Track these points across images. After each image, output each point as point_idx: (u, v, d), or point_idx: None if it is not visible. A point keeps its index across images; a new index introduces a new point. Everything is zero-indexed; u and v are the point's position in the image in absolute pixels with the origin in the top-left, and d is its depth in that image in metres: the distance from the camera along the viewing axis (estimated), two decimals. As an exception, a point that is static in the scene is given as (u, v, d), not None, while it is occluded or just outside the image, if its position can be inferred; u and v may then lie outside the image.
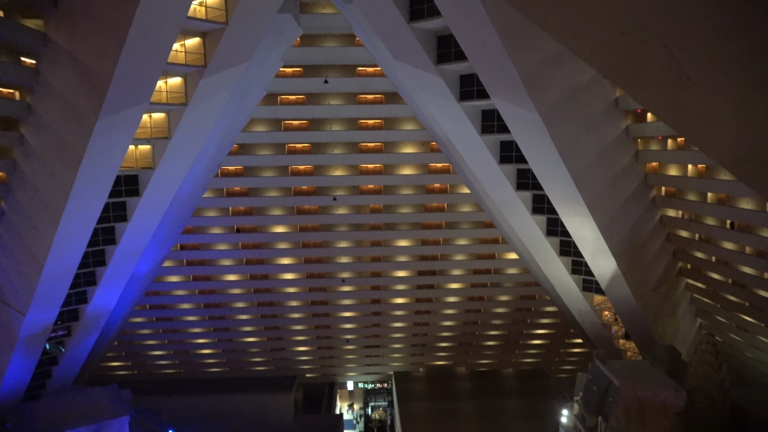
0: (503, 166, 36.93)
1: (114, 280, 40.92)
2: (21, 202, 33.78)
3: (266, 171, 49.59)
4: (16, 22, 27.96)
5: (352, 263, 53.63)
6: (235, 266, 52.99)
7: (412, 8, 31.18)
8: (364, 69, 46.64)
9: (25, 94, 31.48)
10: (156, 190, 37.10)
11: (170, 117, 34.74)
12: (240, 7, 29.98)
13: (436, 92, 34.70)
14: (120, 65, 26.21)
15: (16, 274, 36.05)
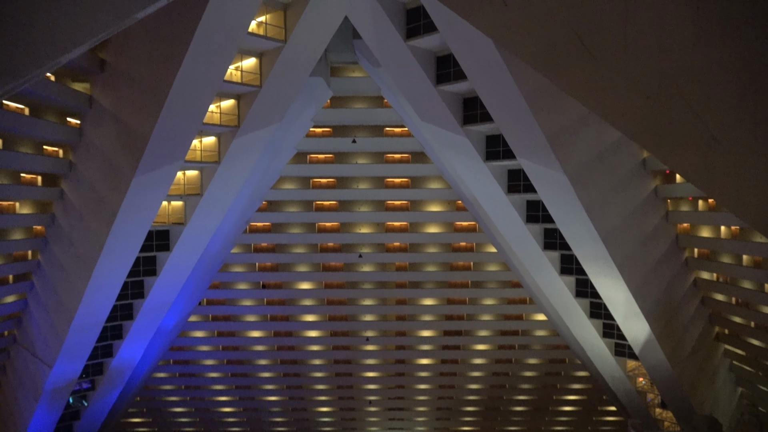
0: (530, 225, 36.73)
1: (140, 334, 41.18)
2: (57, 255, 34.78)
3: (293, 227, 50.25)
4: (65, 86, 29.74)
5: (376, 322, 53.04)
6: (260, 323, 52.88)
7: (439, 72, 32.18)
8: (391, 129, 47.78)
9: (68, 151, 33.05)
10: (186, 246, 37.82)
11: (203, 174, 35.87)
12: (274, 71, 31.39)
13: (462, 152, 35.21)
14: (158, 125, 27.45)
15: (46, 326, 36.63)
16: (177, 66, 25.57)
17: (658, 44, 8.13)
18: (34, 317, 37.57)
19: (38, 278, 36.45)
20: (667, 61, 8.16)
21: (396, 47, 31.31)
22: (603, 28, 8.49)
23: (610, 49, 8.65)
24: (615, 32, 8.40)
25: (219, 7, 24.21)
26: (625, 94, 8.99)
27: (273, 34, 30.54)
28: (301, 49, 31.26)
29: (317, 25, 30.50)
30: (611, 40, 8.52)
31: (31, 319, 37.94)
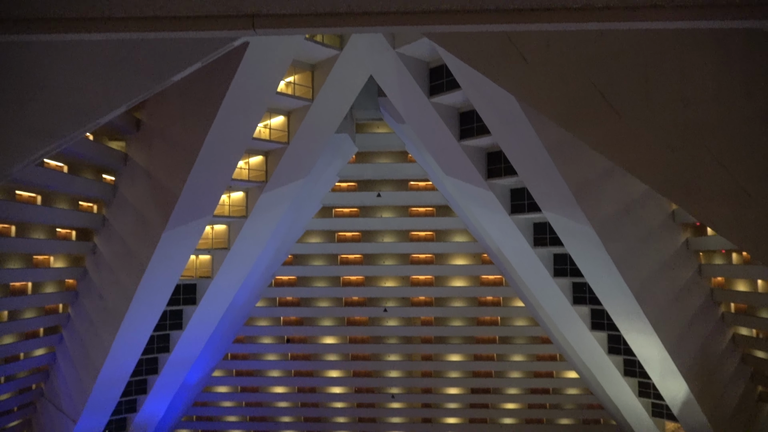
0: (558, 279, 36.08)
1: (164, 389, 40.93)
2: (86, 309, 35.28)
3: (318, 281, 50.26)
4: (103, 145, 31.06)
5: (401, 378, 51.80)
6: (283, 378, 52.14)
7: (462, 127, 32.72)
8: (415, 183, 48.25)
9: (102, 207, 34.11)
10: (212, 299, 38.05)
11: (231, 228, 36.49)
12: (301, 128, 32.35)
13: (486, 206, 35.23)
14: (189, 182, 28.29)
15: (72, 380, 36.74)
16: (208, 125, 26.58)
17: (680, 98, 8.20)
18: (61, 371, 37.78)
19: (67, 331, 36.90)
20: (691, 115, 8.20)
21: (420, 104, 32.09)
22: (624, 84, 8.62)
23: (632, 103, 8.74)
24: (637, 87, 8.51)
25: (250, 69, 25.32)
26: (649, 147, 9.01)
27: (301, 94, 31.66)
28: (327, 107, 32.28)
29: (343, 84, 31.58)
30: (633, 94, 8.63)
31: (58, 372, 38.15)
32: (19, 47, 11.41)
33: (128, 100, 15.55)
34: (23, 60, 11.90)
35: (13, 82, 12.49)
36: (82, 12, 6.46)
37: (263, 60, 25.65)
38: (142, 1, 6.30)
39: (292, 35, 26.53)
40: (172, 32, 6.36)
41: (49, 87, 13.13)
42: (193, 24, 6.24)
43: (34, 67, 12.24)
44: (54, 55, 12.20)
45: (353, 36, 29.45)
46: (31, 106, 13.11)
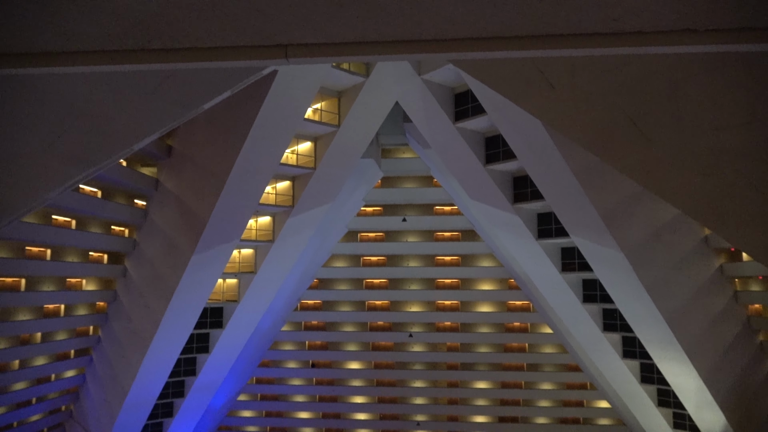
0: (587, 305, 35.32)
1: (190, 413, 41.03)
2: (115, 331, 35.82)
3: (344, 305, 50.18)
4: (135, 171, 31.90)
5: (427, 405, 50.96)
6: (308, 403, 51.81)
7: (488, 152, 32.68)
8: (441, 208, 48.17)
9: (133, 231, 34.86)
10: (239, 323, 38.28)
11: (257, 252, 36.84)
12: (328, 154, 32.74)
13: (513, 230, 34.91)
14: (218, 207, 28.77)
15: (100, 402, 37.13)
16: (237, 151, 27.10)
17: (712, 123, 8.06)
18: (90, 393, 38.25)
19: (97, 353, 37.45)
20: (723, 140, 8.05)
21: (445, 129, 32.23)
22: (654, 109, 8.52)
23: (662, 128, 8.63)
24: (667, 112, 8.41)
25: (278, 96, 25.86)
26: (681, 172, 8.85)
27: (327, 120, 32.13)
28: (353, 133, 32.65)
29: (369, 110, 31.95)
30: (663, 120, 8.52)
31: (87, 394, 38.63)
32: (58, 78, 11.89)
33: (160, 128, 15.97)
34: (62, 90, 12.38)
35: (52, 112, 12.97)
36: (121, 44, 6.72)
37: (291, 87, 26.18)
38: (179, 33, 6.52)
39: (321, 64, 27.07)
40: (207, 62, 6.56)
41: (86, 116, 13.59)
42: (228, 54, 6.42)
43: (72, 97, 12.71)
44: (92, 86, 12.66)
45: (379, 63, 29.89)
46: (68, 134, 13.57)
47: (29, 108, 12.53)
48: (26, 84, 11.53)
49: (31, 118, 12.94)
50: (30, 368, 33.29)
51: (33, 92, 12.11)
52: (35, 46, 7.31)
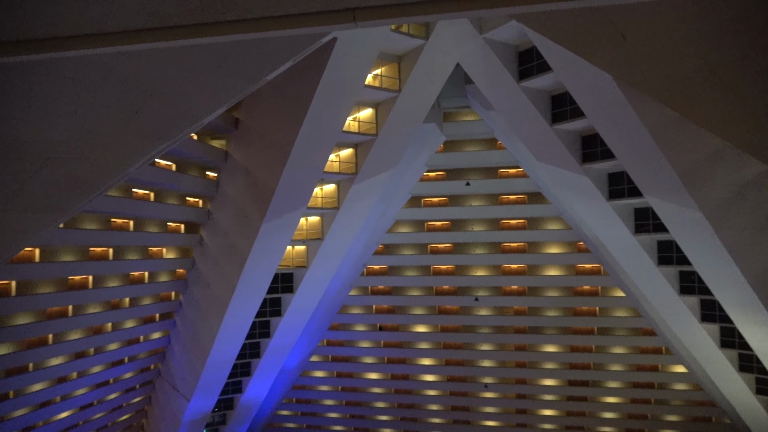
0: (662, 268, 33.90)
1: (266, 372, 43.29)
2: (195, 297, 38.02)
3: (409, 270, 50.70)
4: (206, 144, 33.15)
5: (494, 368, 51.19)
6: (377, 365, 53.31)
7: (554, 111, 31.48)
8: (505, 171, 47.19)
9: (206, 202, 36.47)
10: (308, 287, 39.61)
11: (324, 220, 37.70)
12: (389, 120, 32.64)
13: (582, 192, 33.75)
14: (284, 176, 29.53)
15: (185, 362, 39.82)
16: (300, 121, 27.55)
17: (805, 70, 7.39)
18: (175, 353, 41.08)
19: (179, 317, 40.00)
20: (819, 88, 7.38)
21: (509, 89, 31.25)
22: (737, 58, 7.91)
23: (747, 78, 8.01)
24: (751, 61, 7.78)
25: (338, 64, 25.90)
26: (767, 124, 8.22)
27: (388, 85, 31.92)
28: (414, 97, 32.31)
29: (430, 73, 31.43)
30: (748, 69, 7.90)
31: (173, 355, 41.51)
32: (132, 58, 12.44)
33: (227, 102, 16.46)
34: (136, 69, 12.97)
35: (129, 91, 13.64)
36: (198, 18, 6.93)
37: (350, 55, 26.12)
38: (252, 3, 6.65)
39: (379, 27, 26.77)
40: (278, 31, 6.66)
41: (159, 93, 14.21)
42: (298, 21, 6.49)
43: (146, 76, 13.30)
44: (162, 64, 13.19)
45: (439, 25, 29.20)
46: (144, 111, 14.27)
47: (108, 88, 13.24)
48: (104, 64, 12.16)
49: (110, 98, 13.68)
50: (121, 330, 36.09)
51: (111, 72, 12.77)
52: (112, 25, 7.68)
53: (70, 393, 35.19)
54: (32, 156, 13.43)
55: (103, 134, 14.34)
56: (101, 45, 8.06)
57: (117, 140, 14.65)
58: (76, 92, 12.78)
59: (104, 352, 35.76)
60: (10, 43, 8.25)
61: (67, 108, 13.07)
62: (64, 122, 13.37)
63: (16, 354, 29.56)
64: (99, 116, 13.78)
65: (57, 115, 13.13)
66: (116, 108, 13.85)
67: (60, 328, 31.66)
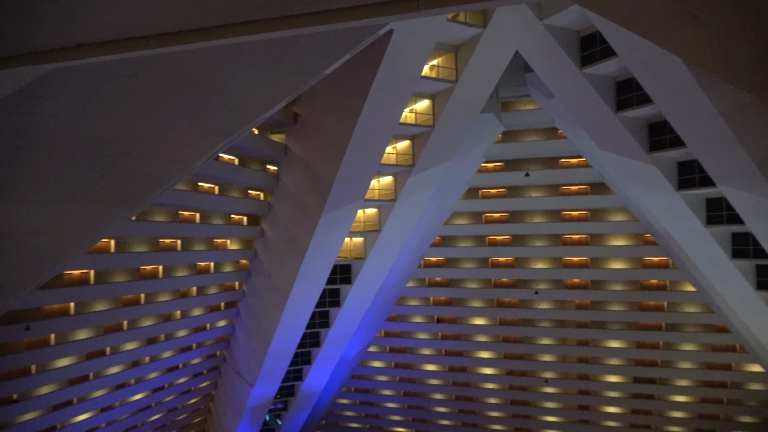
0: (737, 261, 32.02)
1: (325, 361, 44.21)
2: (257, 287, 39.26)
3: (467, 262, 50.28)
4: (266, 138, 34.03)
5: (555, 363, 50.09)
6: (435, 356, 53.31)
7: (619, 98, 30.22)
8: (567, 160, 45.81)
9: (267, 195, 37.48)
10: (366, 279, 40.04)
11: (381, 212, 37.94)
12: (446, 111, 32.35)
13: (649, 181, 32.29)
14: (342, 169, 29.90)
15: (248, 350, 41.26)
16: (357, 115, 27.75)
17: None
18: (239, 341, 42.64)
19: (243, 306, 41.44)
20: None
21: (570, 76, 30.24)
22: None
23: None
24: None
25: (395, 56, 25.87)
26: None
27: (445, 76, 31.63)
28: (472, 87, 31.86)
29: (488, 63, 30.88)
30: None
31: (237, 342, 43.10)
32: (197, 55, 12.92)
33: (286, 96, 16.84)
34: (200, 68, 13.46)
35: (193, 89, 14.20)
36: (265, 13, 7.12)
37: (407, 46, 26.03)
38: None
39: (435, 17, 26.53)
40: (342, 23, 6.74)
41: (222, 90, 14.70)
42: (361, 12, 6.55)
43: (210, 73, 13.79)
44: (224, 63, 13.63)
45: (497, 12, 28.60)
46: (208, 108, 14.81)
47: (173, 86, 13.83)
48: (168, 64, 12.71)
49: (175, 96, 14.29)
50: (189, 318, 37.80)
51: (176, 71, 13.32)
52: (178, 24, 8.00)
53: (144, 376, 37.25)
54: (106, 153, 14.24)
55: (171, 131, 15.01)
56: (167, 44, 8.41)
57: (184, 136, 15.30)
58: (143, 91, 13.42)
59: (174, 339, 37.59)
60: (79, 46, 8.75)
61: (136, 106, 13.76)
62: (134, 120, 14.09)
63: (95, 339, 31.57)
64: (166, 113, 14.43)
65: (127, 114, 13.86)
66: (182, 105, 14.45)
67: (134, 315, 33.54)
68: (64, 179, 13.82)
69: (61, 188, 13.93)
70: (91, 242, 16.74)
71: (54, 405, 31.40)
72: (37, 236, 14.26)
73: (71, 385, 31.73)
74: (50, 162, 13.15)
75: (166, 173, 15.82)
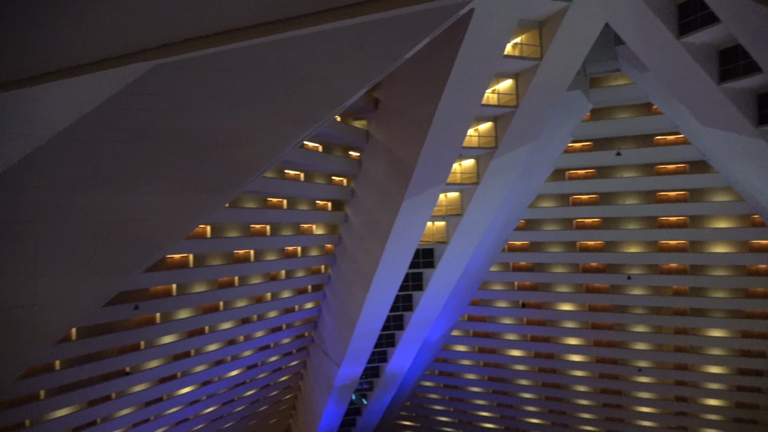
0: None
1: (409, 344, 44.79)
2: (342, 270, 40.34)
3: (553, 246, 48.76)
4: (348, 125, 34.65)
5: (650, 351, 47.62)
6: (520, 342, 52.41)
7: (723, 68, 27.83)
8: (662, 138, 42.96)
9: (350, 181, 38.24)
10: (448, 263, 39.97)
11: (463, 196, 37.58)
12: (530, 90, 31.33)
13: (758, 158, 29.62)
14: (423, 153, 29.88)
15: (335, 331, 42.64)
16: (437, 98, 27.53)
17: None
18: (326, 322, 44.15)
19: (329, 289, 42.79)
20: None
21: (667, 47, 28.21)
22: None
23: None
24: None
25: (476, 36, 25.34)
26: None
27: (529, 54, 30.60)
28: (558, 64, 30.61)
29: (575, 37, 29.51)
30: None
31: (324, 324, 44.64)
32: (283, 47, 13.37)
33: (368, 82, 17.05)
34: (287, 59, 13.92)
35: (278, 79, 14.72)
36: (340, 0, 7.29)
37: (488, 25, 25.39)
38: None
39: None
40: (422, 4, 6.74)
41: (306, 79, 15.14)
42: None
43: (295, 64, 14.23)
44: (307, 52, 14.00)
45: (585, -18, 27.18)
46: (294, 97, 15.32)
47: (260, 77, 14.41)
48: (255, 56, 13.24)
49: (263, 87, 14.89)
50: (279, 300, 39.60)
51: (262, 63, 13.87)
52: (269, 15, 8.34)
53: (239, 354, 39.57)
54: (201, 144, 15.15)
55: (260, 120, 15.69)
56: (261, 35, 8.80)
57: (272, 125, 15.94)
58: (235, 85, 14.11)
59: (265, 319, 39.57)
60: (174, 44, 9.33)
61: (229, 99, 14.50)
62: (226, 111, 14.86)
63: (195, 318, 33.88)
64: (255, 105, 15.09)
65: (220, 107, 14.64)
66: (270, 96, 15.04)
67: (229, 297, 35.63)
68: (166, 171, 14.85)
69: (165, 179, 14.98)
70: (191, 228, 17.94)
71: (160, 378, 34.15)
72: (144, 223, 15.47)
73: (175, 360, 34.33)
74: (154, 155, 14.17)
75: (256, 161, 16.58)
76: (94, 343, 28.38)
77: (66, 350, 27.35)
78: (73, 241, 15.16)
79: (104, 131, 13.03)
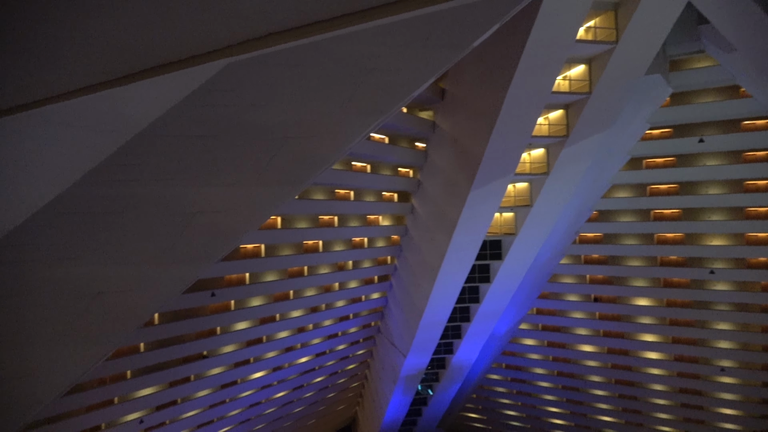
0: None
1: (475, 336, 44.43)
2: (408, 261, 40.49)
3: (628, 239, 46.71)
4: (414, 116, 34.61)
5: (734, 350, 44.77)
6: (592, 337, 50.71)
7: (824, 44, 25.58)
8: (752, 122, 40.03)
9: (416, 172, 38.22)
10: (516, 255, 39.22)
11: (532, 186, 36.68)
12: (605, 75, 30.05)
13: None
14: (491, 143, 29.38)
15: (401, 322, 42.94)
16: (506, 87, 26.94)
17: None
18: (392, 313, 44.54)
19: (395, 280, 43.09)
20: None
21: (757, 24, 26.19)
22: None
23: None
24: None
25: (546, 21, 24.56)
26: None
27: (603, 37, 29.34)
28: (635, 47, 29.13)
29: (654, 17, 27.96)
30: None
31: (390, 314, 45.05)
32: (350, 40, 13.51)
33: (435, 72, 16.92)
34: (354, 51, 14.06)
35: (345, 72, 14.90)
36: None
37: (560, 10, 24.53)
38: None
39: (592, -25, 24.58)
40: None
41: (372, 71, 15.23)
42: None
43: (363, 56, 14.35)
44: (374, 44, 14.07)
45: (665, -41, 25.67)
46: (361, 89, 15.46)
47: (328, 70, 14.65)
48: (323, 49, 13.47)
49: (331, 79, 15.13)
50: (346, 290, 40.31)
51: (330, 56, 14.08)
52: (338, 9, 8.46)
53: (308, 341, 40.71)
54: (273, 138, 15.62)
55: (328, 113, 15.97)
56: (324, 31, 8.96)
57: (340, 118, 16.19)
58: (305, 78, 14.41)
59: (333, 308, 40.44)
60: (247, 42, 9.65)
61: (299, 93, 14.84)
62: (296, 105, 15.23)
63: (267, 306, 35.14)
64: (324, 97, 15.36)
65: (291, 100, 15.01)
66: (338, 89, 15.27)
67: (298, 286, 36.67)
68: (241, 164, 15.44)
69: (240, 172, 15.59)
70: (264, 218, 18.59)
71: (235, 363, 35.72)
72: (221, 214, 16.20)
73: (248, 346, 35.79)
74: (229, 149, 14.76)
75: (325, 153, 16.91)
76: (174, 328, 30.06)
77: (149, 334, 29.15)
78: (157, 232, 16.10)
79: (184, 127, 13.71)
